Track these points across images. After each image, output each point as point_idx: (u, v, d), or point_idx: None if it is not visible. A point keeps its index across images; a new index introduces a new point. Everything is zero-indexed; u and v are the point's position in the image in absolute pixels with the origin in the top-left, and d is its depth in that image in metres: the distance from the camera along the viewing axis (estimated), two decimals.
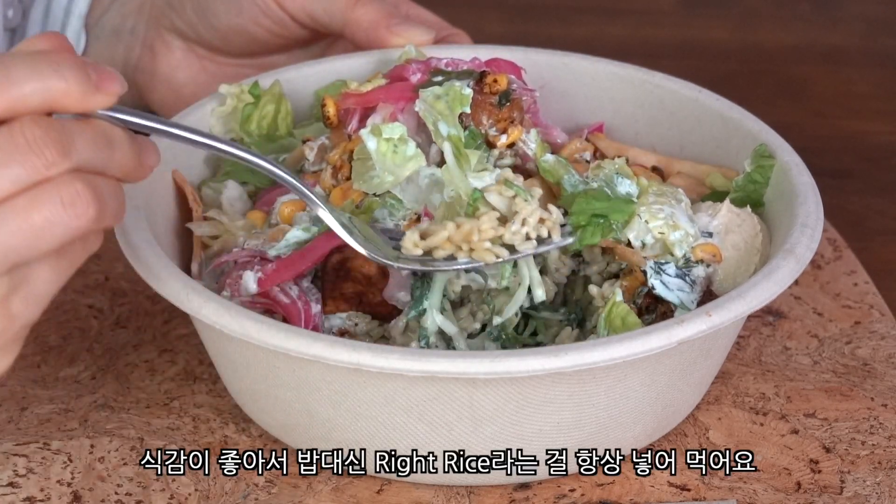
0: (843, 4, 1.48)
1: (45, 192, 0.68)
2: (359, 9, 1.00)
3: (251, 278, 0.82)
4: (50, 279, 0.70)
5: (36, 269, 0.69)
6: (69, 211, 0.68)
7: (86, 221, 0.69)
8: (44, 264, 0.69)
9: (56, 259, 0.70)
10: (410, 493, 0.80)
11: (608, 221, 0.83)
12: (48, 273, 0.70)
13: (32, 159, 0.67)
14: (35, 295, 0.69)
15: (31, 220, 0.67)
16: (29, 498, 0.80)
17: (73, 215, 0.68)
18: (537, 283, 0.82)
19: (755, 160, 0.88)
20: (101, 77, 0.69)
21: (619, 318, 0.80)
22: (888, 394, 0.88)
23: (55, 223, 0.68)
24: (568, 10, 1.45)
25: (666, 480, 0.81)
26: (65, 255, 0.70)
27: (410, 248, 0.80)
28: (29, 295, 0.69)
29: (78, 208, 0.68)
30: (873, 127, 1.25)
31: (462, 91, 0.87)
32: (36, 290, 0.69)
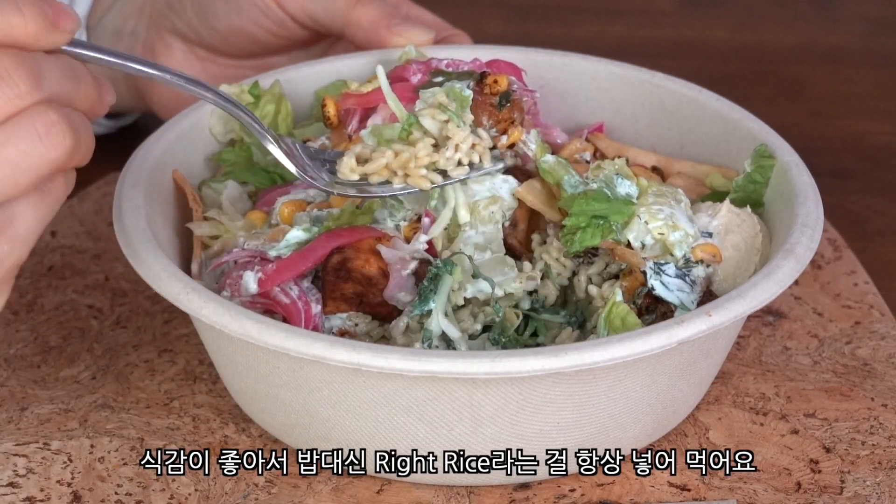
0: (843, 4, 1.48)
1: (19, 124, 0.67)
2: (359, 9, 1.00)
3: (251, 278, 0.82)
4: (35, 217, 0.69)
5: (19, 208, 0.69)
6: (46, 141, 0.67)
7: (63, 151, 0.68)
8: (26, 203, 0.69)
9: (38, 196, 0.69)
10: (410, 493, 0.80)
11: (608, 222, 0.83)
12: (31, 211, 0.69)
13: (4, 90, 0.67)
14: (20, 235, 0.69)
15: (8, 154, 0.67)
16: (29, 498, 0.80)
17: (50, 146, 0.68)
18: (462, 205, 0.84)
19: (755, 160, 0.88)
20: (58, 14, 0.69)
21: (618, 318, 0.80)
22: (888, 394, 0.88)
23: (32, 155, 0.67)
24: (568, 10, 1.45)
25: (666, 480, 0.81)
26: (47, 192, 0.69)
27: (347, 174, 0.81)
28: (14, 236, 0.69)
29: (54, 138, 0.68)
30: (873, 127, 1.25)
31: (462, 92, 0.87)
32: (21, 230, 0.69)
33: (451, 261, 0.82)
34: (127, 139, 0.83)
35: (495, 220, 0.84)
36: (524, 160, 0.89)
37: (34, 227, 0.70)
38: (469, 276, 0.82)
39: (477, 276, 0.82)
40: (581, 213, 0.82)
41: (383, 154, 0.81)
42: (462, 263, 0.82)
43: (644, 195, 0.84)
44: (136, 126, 1.14)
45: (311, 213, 0.85)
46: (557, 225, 0.84)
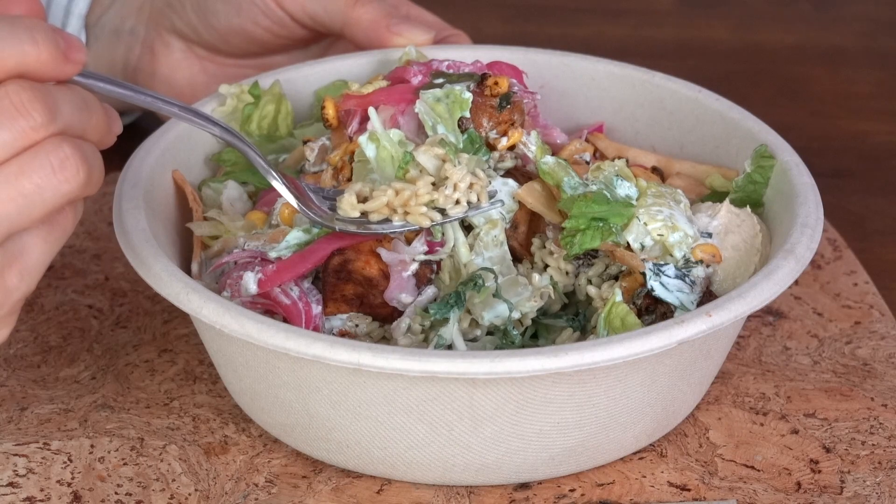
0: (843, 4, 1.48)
1: (34, 157, 0.67)
2: (358, 9, 1.00)
3: (251, 279, 0.82)
4: (43, 250, 0.70)
5: (29, 240, 0.69)
6: (59, 175, 0.68)
7: (76, 185, 0.68)
8: (36, 235, 0.69)
9: (48, 229, 0.69)
10: (410, 493, 0.80)
11: (607, 225, 0.83)
12: (41, 244, 0.69)
13: (20, 122, 0.67)
14: (29, 267, 0.69)
15: (23, 186, 0.67)
16: (29, 498, 0.80)
17: (63, 179, 0.68)
18: (462, 244, 0.84)
19: (755, 160, 0.88)
20: (69, 46, 0.69)
21: (618, 318, 0.80)
22: (888, 394, 0.88)
23: (46, 188, 0.67)
24: (568, 11, 1.45)
25: (666, 480, 0.81)
26: (56, 224, 0.70)
27: (348, 211, 0.82)
28: (24, 268, 0.69)
29: (68, 172, 0.68)
30: (873, 127, 1.25)
31: (462, 95, 0.87)
32: (30, 263, 0.69)
33: (481, 276, 0.82)
34: (127, 139, 0.83)
35: (499, 243, 0.84)
36: (524, 161, 0.89)
37: (43, 260, 0.70)
38: (490, 296, 0.82)
39: (497, 296, 0.82)
40: (580, 216, 0.82)
41: (384, 192, 0.82)
42: (487, 279, 0.82)
43: (643, 196, 0.84)
44: (136, 126, 1.14)
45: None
46: (557, 227, 0.84)
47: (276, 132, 0.96)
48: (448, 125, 0.86)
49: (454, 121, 0.86)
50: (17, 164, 0.67)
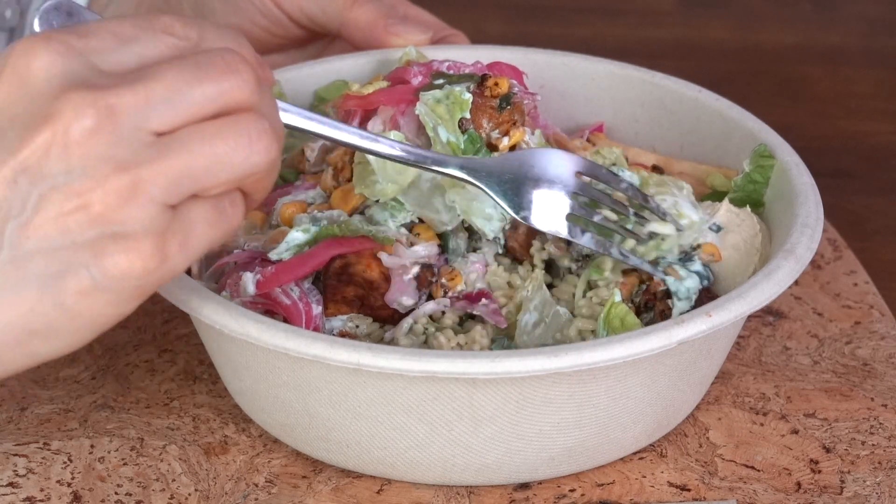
0: (843, 4, 1.48)
1: (234, 122, 0.67)
2: (356, 9, 1.00)
3: (250, 280, 0.82)
4: (205, 233, 0.68)
5: (197, 217, 0.68)
6: (254, 146, 0.67)
7: (266, 160, 0.68)
8: (204, 216, 0.68)
9: (216, 215, 0.68)
10: (410, 493, 0.80)
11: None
12: (205, 227, 0.68)
13: (230, 78, 0.67)
14: (189, 244, 0.68)
15: (217, 146, 0.67)
16: (29, 498, 0.80)
17: (256, 151, 0.67)
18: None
19: (755, 160, 0.88)
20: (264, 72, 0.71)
21: (617, 318, 0.80)
22: (888, 394, 0.88)
23: (238, 154, 0.67)
24: (568, 11, 1.45)
25: (666, 480, 0.81)
26: (224, 213, 0.69)
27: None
28: (185, 241, 0.67)
29: (262, 144, 0.68)
30: (873, 127, 1.25)
31: (462, 96, 0.87)
32: (191, 240, 0.68)
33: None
34: None
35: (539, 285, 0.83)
36: None
37: (202, 244, 0.68)
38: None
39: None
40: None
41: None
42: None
43: (645, 186, 0.84)
44: None
45: (311, 214, 0.85)
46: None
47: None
48: (448, 126, 0.86)
49: (454, 122, 0.86)
50: (216, 125, 0.67)
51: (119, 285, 0.66)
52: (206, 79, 0.67)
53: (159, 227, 0.66)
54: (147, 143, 0.66)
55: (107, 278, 0.66)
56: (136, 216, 0.65)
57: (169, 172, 0.66)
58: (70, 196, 0.65)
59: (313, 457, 0.82)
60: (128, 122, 0.65)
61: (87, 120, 0.64)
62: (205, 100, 0.67)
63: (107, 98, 0.65)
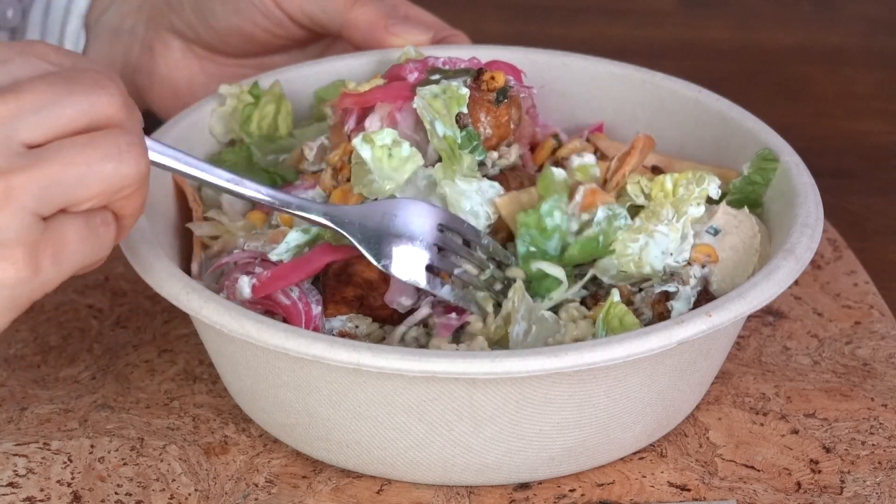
0: (843, 4, 1.48)
1: (104, 135, 0.68)
2: (357, 9, 1.00)
3: (246, 284, 0.82)
4: (77, 250, 0.69)
5: (68, 232, 0.68)
6: (125, 156, 0.68)
7: (136, 171, 0.69)
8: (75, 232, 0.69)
9: (87, 232, 0.69)
10: (410, 493, 0.80)
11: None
12: (77, 242, 0.69)
13: (99, 93, 0.68)
14: (62, 258, 0.68)
15: (88, 155, 0.67)
16: (29, 498, 0.80)
17: (126, 162, 0.69)
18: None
19: (756, 163, 0.88)
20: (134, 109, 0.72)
21: (616, 318, 0.80)
22: (888, 394, 0.88)
23: (109, 165, 0.68)
24: (568, 11, 1.45)
25: (666, 480, 0.81)
26: (95, 232, 0.70)
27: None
28: (57, 254, 0.68)
29: (132, 157, 0.69)
30: (873, 127, 1.25)
31: (459, 90, 0.87)
32: (64, 254, 0.69)
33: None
34: None
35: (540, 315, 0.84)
36: (524, 161, 0.89)
37: (74, 260, 0.69)
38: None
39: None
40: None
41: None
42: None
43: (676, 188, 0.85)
44: None
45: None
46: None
47: (275, 132, 0.95)
48: (446, 121, 0.86)
49: (452, 116, 0.86)
50: (86, 137, 0.68)
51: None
52: (75, 92, 0.68)
53: (31, 237, 0.67)
54: (18, 153, 0.67)
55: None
56: (9, 224, 0.66)
57: (41, 180, 0.67)
58: None
59: (313, 457, 0.82)
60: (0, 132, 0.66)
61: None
62: (74, 112, 0.68)
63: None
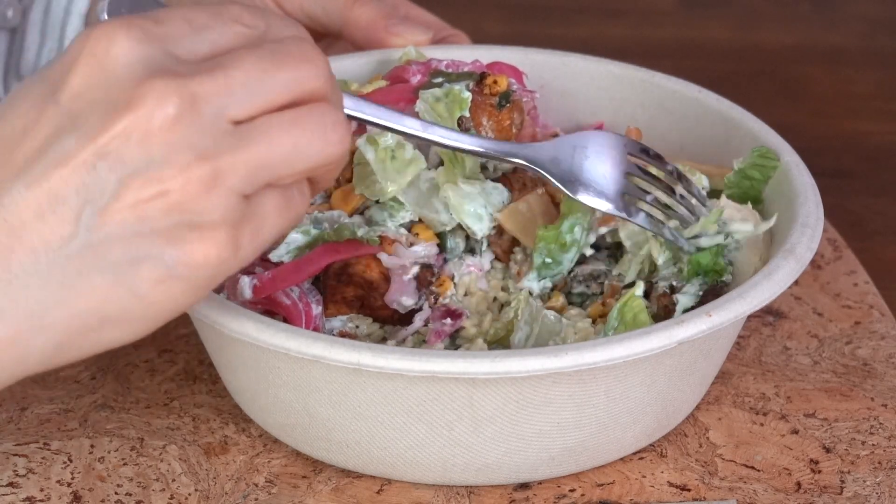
0: (843, 4, 1.48)
1: (309, 112, 0.67)
2: (357, 9, 1.00)
3: (247, 284, 0.82)
4: (275, 224, 0.68)
5: (268, 207, 0.67)
6: (330, 136, 0.67)
7: (340, 151, 0.68)
8: (274, 206, 0.68)
9: (285, 205, 0.68)
10: (410, 493, 0.80)
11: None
12: (275, 217, 0.68)
13: (305, 67, 0.67)
14: (261, 233, 0.67)
15: (295, 135, 0.66)
16: (29, 498, 0.80)
17: (331, 141, 0.67)
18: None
19: (751, 158, 0.88)
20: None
21: (631, 311, 0.80)
22: (888, 394, 0.88)
23: (315, 144, 0.67)
24: (568, 11, 1.45)
25: (666, 480, 0.81)
26: (292, 203, 0.68)
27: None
28: (257, 231, 0.67)
29: (337, 135, 0.67)
30: (873, 127, 1.25)
31: (461, 94, 0.87)
32: (263, 229, 0.67)
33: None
34: None
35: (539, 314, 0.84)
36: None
37: (272, 234, 0.68)
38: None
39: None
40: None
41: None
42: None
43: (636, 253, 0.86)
44: None
45: (312, 216, 0.85)
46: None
47: None
48: (448, 124, 0.86)
49: (454, 120, 0.86)
50: (293, 115, 0.67)
51: (193, 274, 0.66)
52: (283, 66, 0.67)
53: (235, 217, 0.66)
54: (226, 131, 0.65)
55: (182, 267, 0.65)
56: (215, 206, 0.65)
57: (249, 162, 0.66)
58: (149, 183, 0.64)
59: (313, 457, 0.82)
60: (209, 110, 0.65)
61: (170, 108, 0.64)
62: (282, 88, 0.66)
63: (189, 86, 0.64)
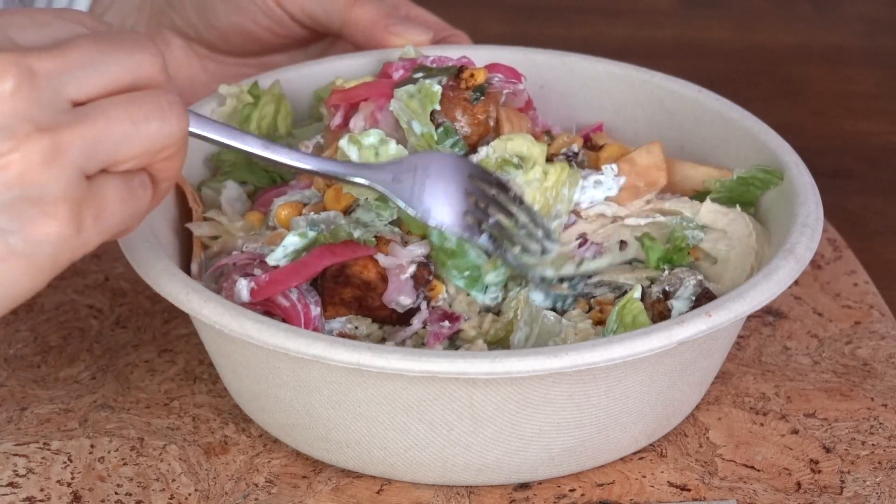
0: (843, 4, 1.48)
1: (147, 94, 0.68)
2: (357, 9, 1.00)
3: (244, 287, 0.82)
4: (117, 210, 0.69)
5: (109, 192, 0.68)
6: (167, 115, 0.69)
7: (178, 130, 0.69)
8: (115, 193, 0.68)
9: (127, 193, 0.69)
10: (410, 493, 0.80)
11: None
12: (117, 203, 0.68)
13: (141, 52, 0.68)
14: (103, 218, 0.68)
15: (132, 113, 0.67)
16: (29, 498, 0.80)
17: (168, 122, 0.69)
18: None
19: (753, 172, 0.88)
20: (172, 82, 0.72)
21: (630, 314, 0.80)
22: (888, 394, 0.88)
23: (153, 124, 0.68)
24: (568, 11, 1.45)
25: (666, 480, 0.81)
26: (134, 194, 0.69)
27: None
28: (99, 214, 0.68)
29: (174, 116, 0.69)
30: (873, 127, 1.25)
31: (431, 88, 0.87)
32: (105, 214, 0.68)
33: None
34: None
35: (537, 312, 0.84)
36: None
37: (113, 221, 0.69)
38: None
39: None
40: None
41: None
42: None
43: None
44: None
45: (308, 217, 0.85)
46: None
47: (275, 132, 0.96)
48: (422, 120, 0.86)
49: (427, 115, 0.86)
50: (130, 96, 0.68)
51: (34, 250, 0.66)
52: (119, 50, 0.68)
53: (75, 194, 0.66)
54: (65, 109, 0.66)
55: (23, 243, 0.66)
56: (55, 179, 0.66)
57: (88, 137, 0.66)
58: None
59: (313, 457, 0.82)
60: (47, 85, 0.66)
61: (9, 80, 0.65)
62: (119, 70, 0.68)
63: (27, 60, 0.65)
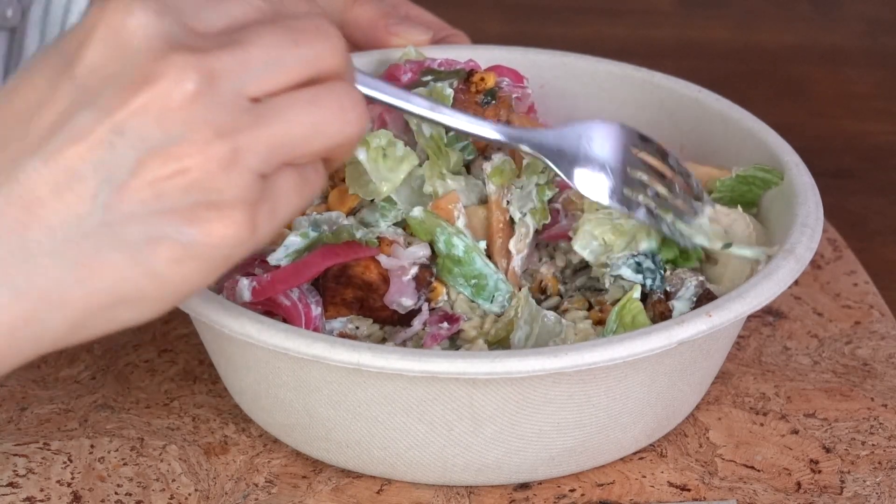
0: (843, 4, 1.48)
1: (328, 90, 0.66)
2: (356, 9, 1.00)
3: (245, 286, 0.82)
4: (291, 203, 0.67)
5: (284, 186, 0.66)
6: (348, 115, 0.66)
7: (356, 131, 0.67)
8: (291, 185, 0.67)
9: (302, 183, 0.67)
10: (410, 493, 0.80)
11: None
12: (292, 196, 0.67)
13: (321, 42, 0.66)
14: (277, 213, 0.66)
15: (313, 114, 0.65)
16: (29, 498, 0.80)
17: (348, 121, 0.67)
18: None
19: (752, 171, 0.88)
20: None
21: (630, 314, 0.80)
22: (888, 394, 0.88)
23: (333, 123, 0.66)
24: (568, 11, 1.46)
25: (666, 480, 0.81)
26: (307, 181, 0.67)
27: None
28: (273, 210, 0.66)
29: (354, 114, 0.67)
30: (873, 127, 1.25)
31: (443, 91, 0.87)
32: (279, 209, 0.66)
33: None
34: None
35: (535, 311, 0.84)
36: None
37: (289, 214, 0.67)
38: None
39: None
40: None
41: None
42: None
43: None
44: None
45: (310, 217, 0.85)
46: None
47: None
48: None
49: None
50: (311, 93, 0.66)
51: (210, 254, 0.64)
52: (300, 43, 0.66)
53: (253, 197, 0.65)
54: (245, 108, 0.64)
55: (200, 246, 0.64)
56: (233, 184, 0.64)
57: (268, 141, 0.65)
58: (168, 160, 0.63)
59: (313, 457, 0.82)
60: (227, 86, 0.64)
61: (189, 84, 0.63)
62: (299, 65, 0.66)
63: (208, 62, 0.63)
